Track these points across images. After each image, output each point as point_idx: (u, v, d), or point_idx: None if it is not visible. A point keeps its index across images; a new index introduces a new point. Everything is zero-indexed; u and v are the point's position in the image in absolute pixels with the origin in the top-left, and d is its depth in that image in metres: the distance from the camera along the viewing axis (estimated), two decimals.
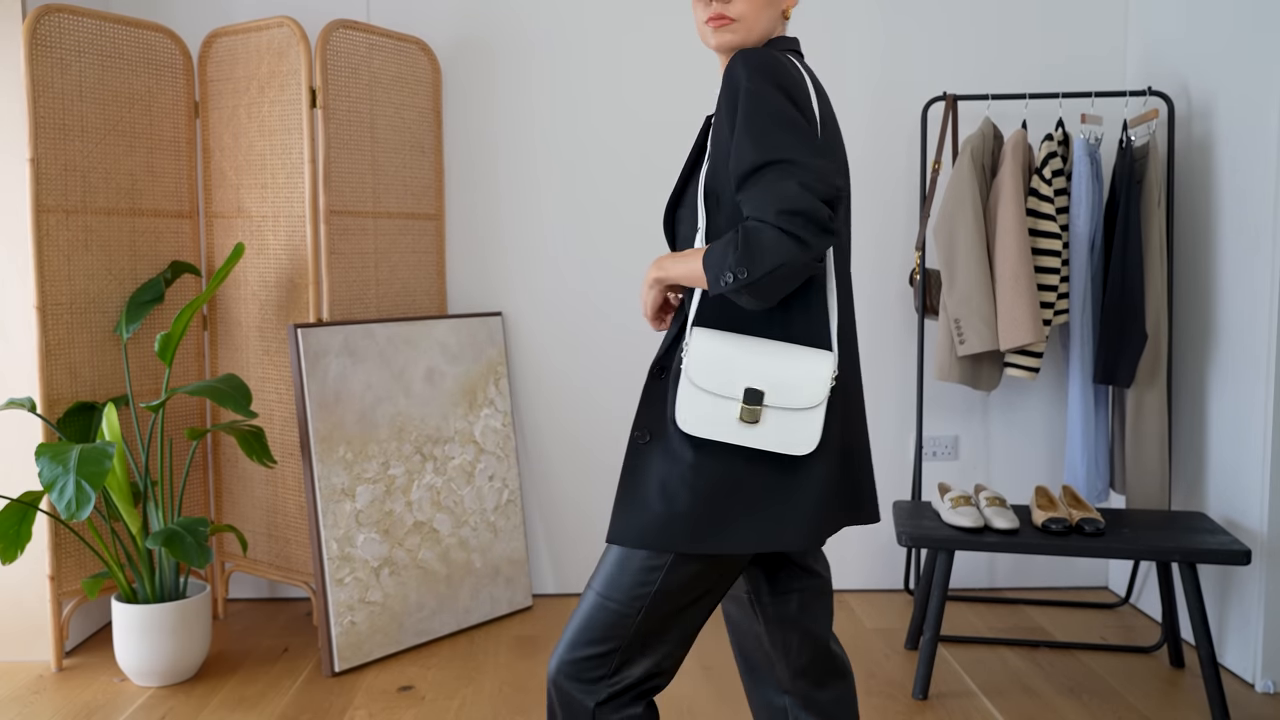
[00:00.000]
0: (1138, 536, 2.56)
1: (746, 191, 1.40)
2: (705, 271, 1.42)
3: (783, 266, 1.36)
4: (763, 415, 1.44)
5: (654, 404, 1.53)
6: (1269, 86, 2.62)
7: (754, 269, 1.36)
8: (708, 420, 1.44)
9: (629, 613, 1.50)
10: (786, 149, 1.39)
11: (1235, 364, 2.78)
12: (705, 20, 1.55)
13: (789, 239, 1.35)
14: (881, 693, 2.64)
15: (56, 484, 2.39)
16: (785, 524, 1.47)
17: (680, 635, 1.56)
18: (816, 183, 1.37)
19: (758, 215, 1.37)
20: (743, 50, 1.47)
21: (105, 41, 2.88)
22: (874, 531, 3.39)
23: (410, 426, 2.98)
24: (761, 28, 1.55)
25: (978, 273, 2.92)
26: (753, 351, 1.45)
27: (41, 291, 2.74)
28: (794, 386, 1.44)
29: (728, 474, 1.47)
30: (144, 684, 2.72)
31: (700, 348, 1.46)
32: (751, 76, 1.43)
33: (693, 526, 1.45)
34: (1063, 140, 3.00)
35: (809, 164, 1.38)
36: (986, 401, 3.39)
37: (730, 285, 1.39)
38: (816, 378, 1.44)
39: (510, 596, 3.20)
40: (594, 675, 1.52)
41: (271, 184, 2.99)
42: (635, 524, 1.49)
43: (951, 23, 3.32)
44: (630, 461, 1.53)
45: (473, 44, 3.33)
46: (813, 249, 1.37)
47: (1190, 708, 2.55)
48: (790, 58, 1.51)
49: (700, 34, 1.58)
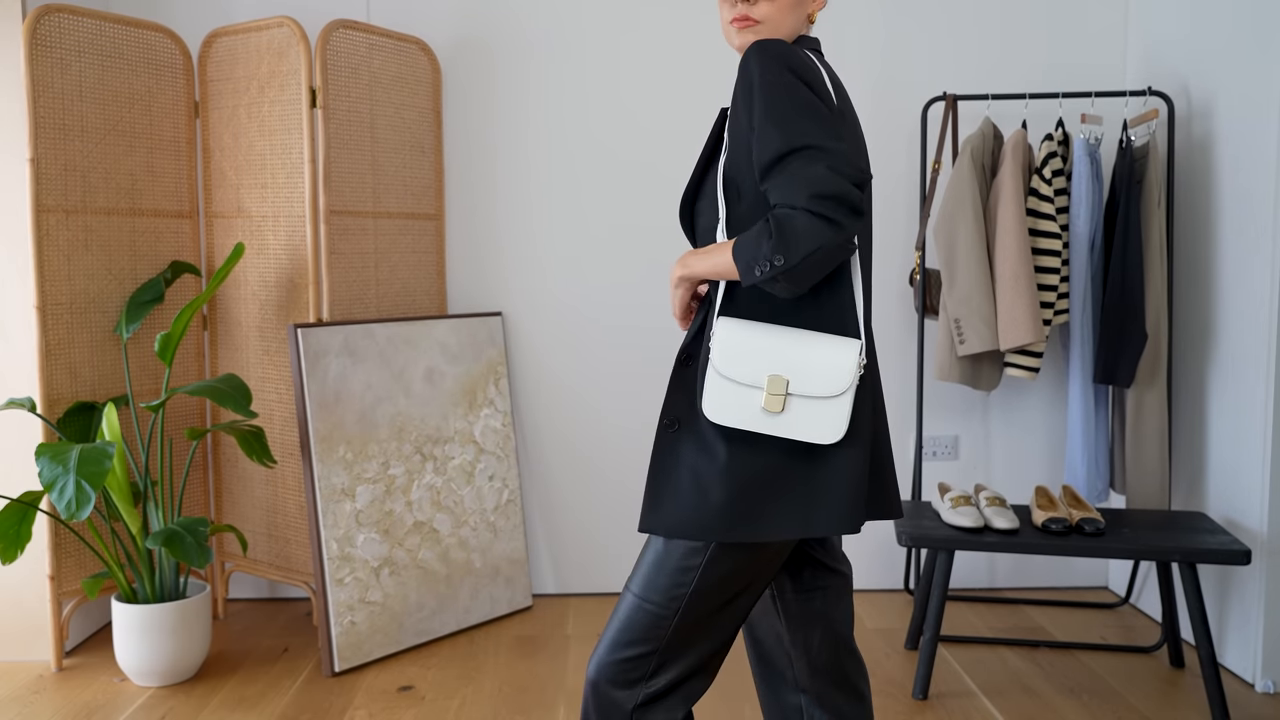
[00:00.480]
0: (1138, 536, 2.56)
1: (773, 179, 1.40)
2: (736, 262, 1.42)
3: (819, 250, 1.36)
4: (787, 403, 1.43)
5: (681, 392, 1.53)
6: (1269, 86, 2.62)
7: (791, 255, 1.36)
8: (734, 409, 1.44)
9: (666, 614, 1.51)
10: (810, 135, 1.39)
11: (1235, 364, 2.78)
12: (730, 21, 1.56)
13: (823, 222, 1.35)
14: (881, 693, 2.63)
15: (56, 484, 2.39)
16: (819, 509, 1.47)
17: (718, 636, 1.55)
18: (845, 165, 1.37)
19: (788, 202, 1.37)
20: (756, 41, 1.47)
21: (105, 41, 2.88)
22: (874, 531, 3.40)
23: (410, 426, 2.98)
24: (786, 30, 1.55)
25: (978, 273, 2.92)
26: (778, 339, 1.45)
27: (41, 291, 2.74)
28: (819, 374, 1.43)
29: (760, 464, 1.46)
30: (144, 684, 2.72)
31: (725, 337, 1.46)
32: (767, 65, 1.43)
33: (727, 517, 1.45)
34: (1063, 140, 3.00)
35: (834, 148, 1.38)
36: (986, 401, 3.39)
37: (766, 274, 1.39)
38: (842, 365, 1.43)
39: (510, 596, 3.20)
40: (633, 677, 1.52)
41: (271, 184, 2.99)
42: (670, 514, 1.49)
43: (951, 23, 3.32)
44: (660, 450, 1.53)
45: (473, 44, 3.33)
46: (846, 230, 1.37)
47: (1190, 708, 2.55)
48: (806, 51, 1.51)
49: (725, 34, 1.59)
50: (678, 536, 1.49)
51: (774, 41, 1.47)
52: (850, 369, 1.43)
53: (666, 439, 1.52)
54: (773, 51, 1.45)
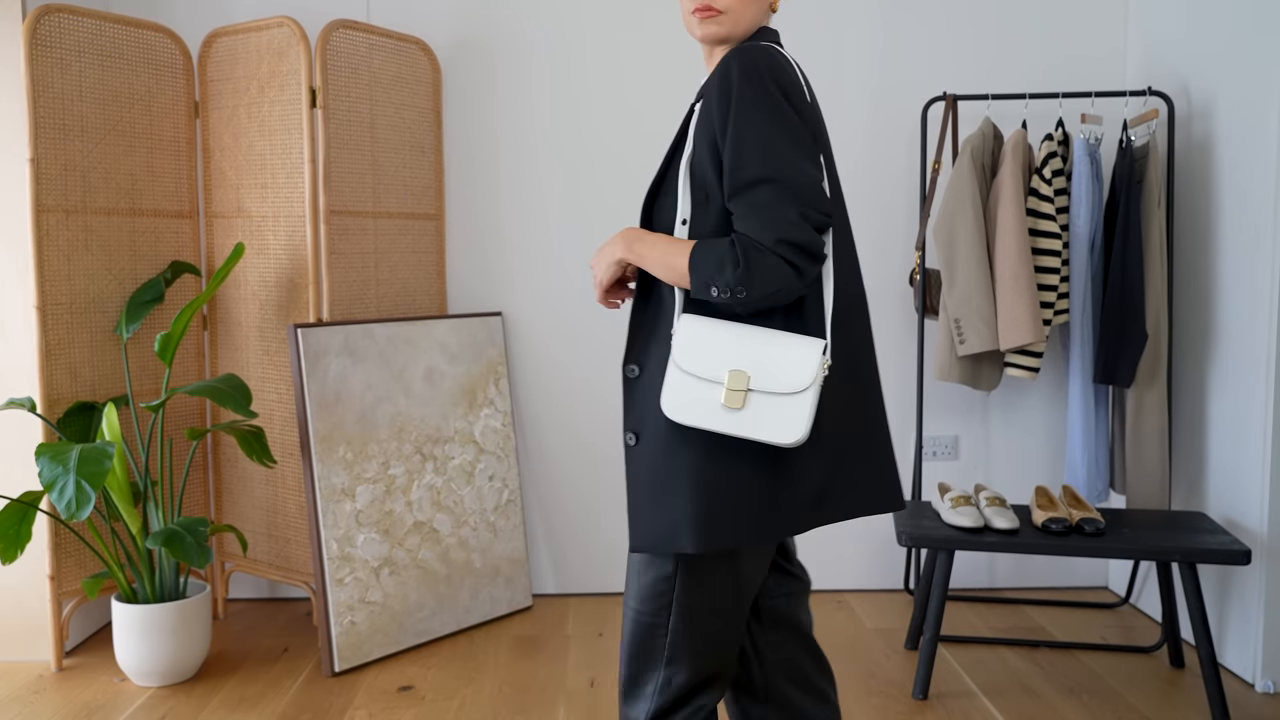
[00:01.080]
0: (1138, 536, 2.56)
1: (743, 204, 1.40)
2: (691, 272, 1.42)
3: (780, 292, 1.39)
4: (748, 399, 1.41)
5: (634, 405, 1.52)
6: (1269, 86, 2.62)
7: (752, 290, 1.38)
8: (693, 406, 1.42)
9: (659, 622, 1.51)
10: (787, 163, 1.39)
11: (1235, 364, 2.78)
12: (691, 11, 1.53)
13: (788, 267, 1.38)
14: (881, 693, 2.64)
15: (56, 484, 2.39)
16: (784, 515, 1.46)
17: (719, 642, 1.55)
18: (814, 211, 1.39)
19: (756, 237, 1.38)
20: (742, 48, 1.46)
21: (105, 41, 2.88)
22: (874, 531, 3.40)
23: (410, 426, 2.98)
24: (749, 20, 1.53)
25: (978, 273, 2.92)
26: (741, 336, 1.44)
27: (41, 291, 2.74)
28: (781, 370, 1.41)
29: (721, 469, 1.44)
30: (144, 684, 2.72)
31: (688, 332, 1.45)
32: (750, 77, 1.42)
33: (692, 527, 1.44)
34: (1063, 140, 3.00)
35: (807, 180, 1.40)
36: (986, 401, 3.39)
37: (720, 298, 1.40)
38: (805, 362, 1.41)
39: (510, 596, 3.20)
40: (647, 690, 1.54)
41: (271, 184, 2.99)
42: (641, 529, 1.49)
43: (951, 22, 3.32)
44: (628, 467, 1.53)
45: (473, 44, 3.33)
46: (807, 278, 1.40)
47: (1190, 708, 2.55)
48: (782, 53, 1.49)
49: (686, 24, 1.57)
50: (646, 551, 1.48)
51: (757, 48, 1.45)
52: (812, 366, 1.41)
53: (630, 455, 1.52)
54: (756, 61, 1.43)
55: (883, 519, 3.39)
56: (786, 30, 3.25)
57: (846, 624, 3.13)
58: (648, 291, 1.54)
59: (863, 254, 3.35)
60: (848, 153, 3.33)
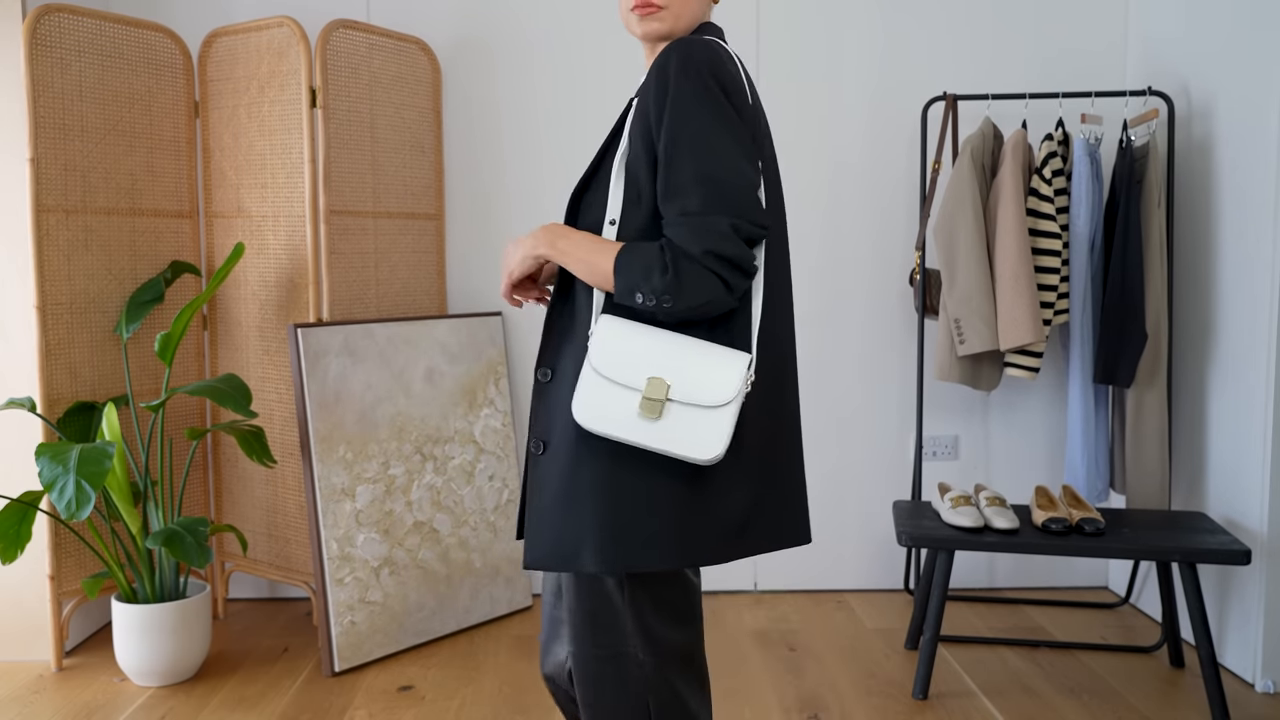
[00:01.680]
0: (1138, 536, 2.56)
1: (674, 210, 1.34)
2: (616, 275, 1.35)
3: (709, 304, 1.34)
4: (665, 409, 1.33)
5: (544, 411, 1.45)
6: (1269, 86, 2.62)
7: (679, 301, 1.33)
8: (607, 413, 1.34)
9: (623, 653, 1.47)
10: (723, 164, 1.33)
11: (1235, 364, 2.78)
12: (631, 8, 1.46)
13: (717, 280, 1.33)
14: (881, 693, 2.64)
15: (56, 484, 2.39)
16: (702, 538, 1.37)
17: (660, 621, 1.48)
18: (746, 222, 1.33)
19: (685, 246, 1.32)
20: (682, 41, 1.38)
21: (105, 41, 2.88)
22: (874, 531, 3.40)
23: (410, 426, 2.98)
24: (690, 15, 1.47)
25: (978, 273, 2.92)
26: (664, 342, 1.36)
27: (41, 291, 2.74)
28: (702, 381, 1.33)
29: (634, 484, 1.36)
30: (144, 684, 2.72)
31: (608, 334, 1.37)
32: (688, 70, 1.35)
33: (598, 545, 1.36)
34: (1063, 140, 3.00)
35: (744, 188, 1.34)
36: (986, 401, 3.39)
37: (645, 305, 1.34)
38: (728, 375, 1.34)
39: (510, 596, 3.20)
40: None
41: (271, 184, 2.99)
42: (539, 543, 1.42)
43: (951, 22, 3.32)
44: (530, 476, 1.45)
45: (473, 44, 3.33)
46: (737, 293, 1.35)
47: (1190, 708, 2.55)
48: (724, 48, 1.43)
49: (625, 22, 1.50)
50: (541, 568, 1.41)
51: (698, 42, 1.38)
52: (736, 380, 1.34)
53: (533, 463, 1.44)
54: (696, 57, 1.35)
55: (885, 518, 3.39)
56: (786, 30, 3.26)
57: (846, 624, 3.13)
58: (567, 292, 1.46)
59: (863, 254, 3.35)
60: (848, 153, 3.33)
